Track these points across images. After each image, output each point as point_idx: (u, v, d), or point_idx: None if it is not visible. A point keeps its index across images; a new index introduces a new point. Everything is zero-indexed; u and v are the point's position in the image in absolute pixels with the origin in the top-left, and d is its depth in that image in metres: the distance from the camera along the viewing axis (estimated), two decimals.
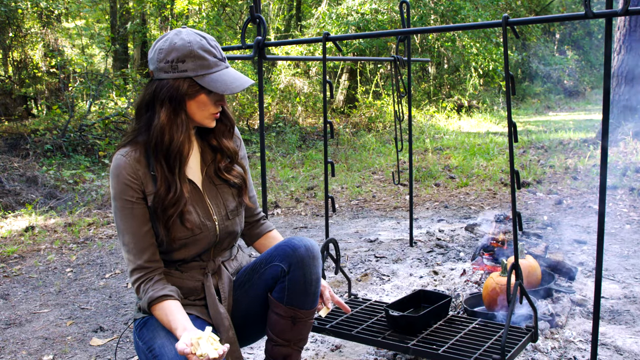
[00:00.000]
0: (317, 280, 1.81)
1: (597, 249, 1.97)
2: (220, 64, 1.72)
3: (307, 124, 11.53)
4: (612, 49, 3.29)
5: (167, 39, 1.69)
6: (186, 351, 1.52)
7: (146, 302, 1.69)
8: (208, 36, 1.73)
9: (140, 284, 1.72)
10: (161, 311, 1.68)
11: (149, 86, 1.72)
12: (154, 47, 1.71)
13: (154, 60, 1.69)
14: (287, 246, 1.80)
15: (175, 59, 1.65)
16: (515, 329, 2.13)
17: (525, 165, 6.99)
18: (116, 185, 1.70)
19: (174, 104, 1.68)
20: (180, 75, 1.66)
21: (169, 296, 1.70)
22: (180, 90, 1.67)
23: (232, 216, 1.86)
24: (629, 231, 4.29)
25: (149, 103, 1.71)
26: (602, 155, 1.96)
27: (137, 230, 1.71)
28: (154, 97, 1.69)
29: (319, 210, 5.46)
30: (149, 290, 1.70)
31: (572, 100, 17.67)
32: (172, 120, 1.69)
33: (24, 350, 2.70)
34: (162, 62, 1.66)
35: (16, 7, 10.22)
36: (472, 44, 12.53)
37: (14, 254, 4.33)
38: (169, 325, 1.65)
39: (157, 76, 1.69)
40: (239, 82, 1.71)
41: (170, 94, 1.67)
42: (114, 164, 1.72)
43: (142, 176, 1.72)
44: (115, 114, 9.39)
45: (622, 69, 7.53)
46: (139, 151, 1.73)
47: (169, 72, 1.66)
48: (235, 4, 13.22)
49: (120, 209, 1.71)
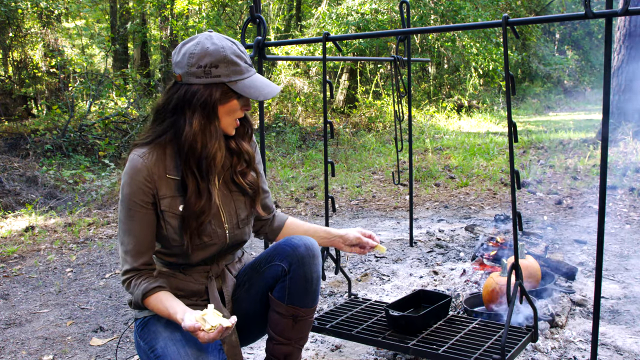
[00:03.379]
0: (317, 279, 1.81)
1: (597, 249, 1.97)
2: (250, 69, 1.70)
3: (307, 124, 11.53)
4: (612, 49, 3.29)
5: (199, 42, 1.65)
6: (196, 326, 1.52)
7: (140, 293, 1.68)
8: (237, 41, 1.70)
9: (131, 280, 1.72)
10: (156, 300, 1.67)
11: (174, 89, 1.68)
12: (180, 50, 1.67)
13: (183, 64, 1.64)
14: (287, 245, 1.80)
15: (209, 64, 1.62)
16: (515, 329, 2.13)
17: (525, 165, 7.00)
18: (129, 185, 1.68)
19: (207, 111, 1.65)
20: (214, 81, 1.63)
21: (163, 287, 1.71)
22: (213, 97, 1.64)
23: (242, 225, 1.85)
24: (629, 231, 4.29)
25: (176, 107, 1.67)
26: (602, 155, 1.96)
27: (139, 233, 1.70)
28: (184, 102, 1.65)
29: (319, 210, 5.46)
30: (141, 283, 1.70)
31: (572, 100, 17.67)
32: (205, 127, 1.66)
33: (24, 350, 2.70)
34: (194, 67, 1.62)
35: (16, 7, 10.22)
36: (472, 44, 12.52)
37: (14, 254, 4.33)
38: (167, 311, 1.64)
39: (186, 80, 1.65)
40: (270, 88, 1.70)
41: (203, 100, 1.63)
42: (131, 164, 1.69)
43: (157, 180, 1.69)
44: (115, 114, 9.39)
45: (622, 69, 7.53)
46: (156, 154, 1.70)
47: (202, 77, 1.63)
48: (235, 4, 13.22)
49: (127, 209, 1.69)
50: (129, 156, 1.71)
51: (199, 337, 1.54)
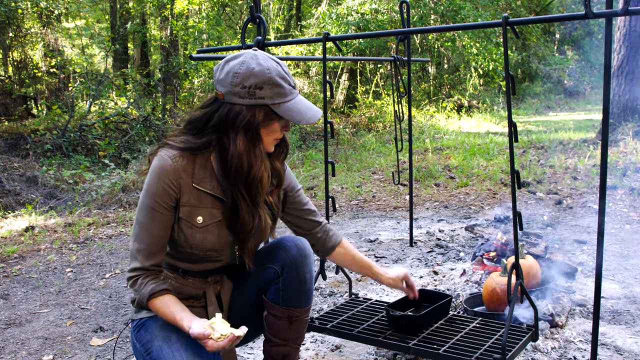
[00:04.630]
0: (310, 279, 1.81)
1: (597, 249, 1.97)
2: (294, 91, 1.68)
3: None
4: (612, 49, 3.29)
5: (244, 62, 1.62)
6: (205, 333, 1.52)
7: (147, 294, 1.66)
8: (281, 62, 1.68)
9: (137, 278, 1.69)
10: (162, 303, 1.66)
11: (215, 107, 1.66)
12: (223, 68, 1.64)
13: (227, 83, 1.62)
14: (278, 247, 1.81)
15: (254, 85, 1.60)
16: (516, 328, 2.13)
17: (525, 165, 7.00)
18: (155, 184, 1.66)
19: (251, 133, 1.64)
20: (257, 102, 1.61)
21: (170, 290, 1.70)
22: (257, 119, 1.62)
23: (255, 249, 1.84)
24: (629, 231, 4.29)
25: (218, 125, 1.65)
26: (602, 155, 1.96)
27: (156, 233, 1.68)
28: (227, 122, 1.64)
29: (319, 210, 5.45)
30: (148, 283, 1.67)
31: (572, 100, 17.66)
32: (250, 149, 1.65)
33: (24, 350, 2.70)
34: (238, 87, 1.61)
35: (16, 7, 10.22)
36: (472, 44, 12.53)
37: (14, 254, 4.33)
38: (172, 316, 1.63)
39: (229, 100, 1.63)
40: (313, 112, 1.68)
41: (246, 122, 1.62)
42: (160, 163, 1.66)
43: (182, 185, 1.67)
44: (115, 114, 9.39)
45: (622, 69, 7.53)
46: (186, 160, 1.68)
47: (245, 97, 1.61)
48: (235, 4, 13.22)
49: (149, 208, 1.67)
50: (158, 153, 1.68)
51: (207, 345, 1.53)
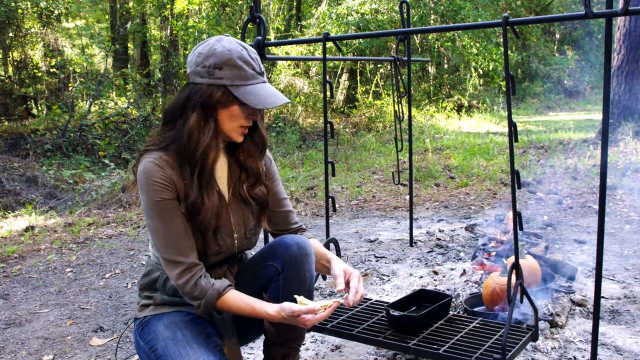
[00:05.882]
0: (310, 278, 1.81)
1: (597, 249, 1.97)
2: (258, 77, 1.67)
3: (307, 124, 11.53)
4: (612, 49, 3.29)
5: (208, 44, 1.66)
6: (303, 309, 1.59)
7: (216, 293, 1.65)
8: (249, 48, 1.68)
9: (196, 280, 1.65)
10: (234, 298, 1.67)
11: (184, 89, 1.69)
12: (194, 50, 1.68)
13: (192, 63, 1.66)
14: (279, 245, 1.80)
15: (213, 64, 1.62)
16: (516, 328, 2.13)
17: (525, 165, 7.00)
18: (149, 190, 1.63)
19: (206, 110, 1.64)
20: (215, 82, 1.63)
21: (232, 285, 1.71)
22: (213, 98, 1.63)
23: (250, 235, 1.84)
24: (629, 231, 4.29)
25: (183, 106, 1.66)
26: (602, 155, 1.96)
27: (179, 229, 1.65)
28: (187, 101, 1.65)
29: (319, 210, 5.46)
30: (210, 282, 1.66)
31: (572, 100, 17.66)
32: (201, 125, 1.64)
33: (24, 350, 2.71)
34: (199, 67, 1.63)
35: (16, 7, 10.22)
36: (472, 44, 12.52)
37: (14, 254, 4.33)
38: (251, 307, 1.65)
39: (192, 80, 1.66)
40: (274, 97, 1.66)
41: (203, 100, 1.63)
42: (143, 170, 1.64)
43: (175, 181, 1.66)
44: (115, 114, 9.39)
45: (622, 69, 7.53)
46: (171, 158, 1.67)
47: (205, 77, 1.63)
48: (235, 4, 13.22)
49: (158, 211, 1.64)
50: (141, 161, 1.67)
51: (305, 320, 1.60)
